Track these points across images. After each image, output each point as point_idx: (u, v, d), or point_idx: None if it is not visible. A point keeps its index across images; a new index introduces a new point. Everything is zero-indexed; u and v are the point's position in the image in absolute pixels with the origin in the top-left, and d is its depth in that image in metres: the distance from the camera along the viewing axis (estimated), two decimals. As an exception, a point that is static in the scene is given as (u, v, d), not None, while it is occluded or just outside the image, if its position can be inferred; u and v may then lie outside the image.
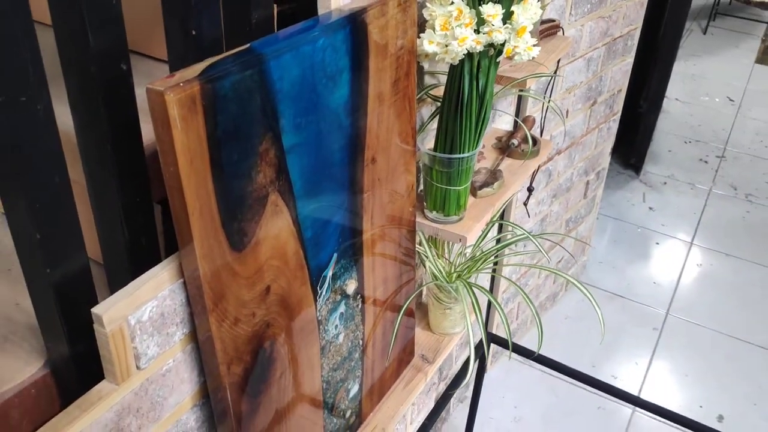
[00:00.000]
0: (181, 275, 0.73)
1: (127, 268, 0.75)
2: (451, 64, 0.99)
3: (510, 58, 0.97)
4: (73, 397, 0.70)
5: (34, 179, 0.61)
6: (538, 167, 1.69)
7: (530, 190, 1.64)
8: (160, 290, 0.71)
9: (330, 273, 0.91)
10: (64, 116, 0.66)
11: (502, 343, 1.52)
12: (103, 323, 0.67)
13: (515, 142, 1.32)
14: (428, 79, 1.12)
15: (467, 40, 0.92)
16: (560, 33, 1.38)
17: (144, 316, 0.70)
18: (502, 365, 2.16)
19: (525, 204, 1.67)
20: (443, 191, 1.09)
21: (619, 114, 2.16)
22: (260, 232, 0.76)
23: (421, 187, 1.14)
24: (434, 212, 1.12)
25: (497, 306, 1.14)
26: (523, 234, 1.16)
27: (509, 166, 1.30)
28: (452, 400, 1.92)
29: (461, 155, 1.05)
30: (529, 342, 2.22)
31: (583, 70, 1.78)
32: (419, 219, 1.13)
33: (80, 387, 0.72)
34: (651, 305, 2.45)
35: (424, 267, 1.22)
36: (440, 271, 1.20)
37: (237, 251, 0.73)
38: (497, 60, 0.98)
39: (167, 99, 0.61)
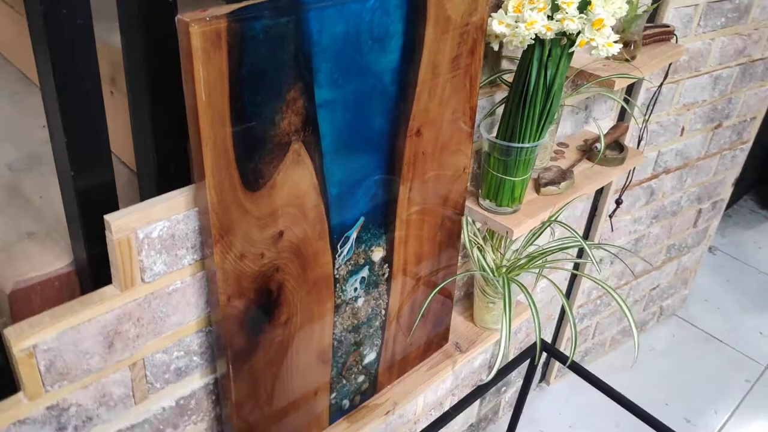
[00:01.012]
0: (196, 204, 0.77)
1: (155, 189, 0.80)
2: (525, 51, 0.96)
3: (588, 51, 0.93)
4: (84, 295, 0.76)
5: (69, 84, 0.66)
6: (629, 180, 1.59)
7: (618, 203, 1.55)
8: (174, 213, 0.76)
9: (354, 235, 0.92)
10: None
11: (557, 354, 1.46)
12: (111, 230, 0.72)
13: (599, 146, 1.26)
14: (505, 64, 1.09)
15: (536, 25, 0.89)
16: (673, 41, 1.28)
17: (154, 233, 0.75)
18: (567, 381, 2.07)
19: (610, 216, 1.59)
20: (498, 180, 1.06)
21: (750, 144, 1.98)
22: (278, 177, 0.78)
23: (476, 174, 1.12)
24: (487, 200, 1.10)
25: (568, 309, 1.10)
26: (577, 240, 1.11)
27: (587, 170, 1.24)
28: (503, 403, 1.88)
29: (520, 145, 1.01)
30: (601, 367, 2.12)
31: (708, 87, 1.65)
32: (472, 205, 1.11)
33: (95, 288, 0.78)
34: (750, 355, 2.25)
35: (472, 255, 1.20)
36: (488, 262, 1.18)
37: (250, 190, 0.76)
38: (570, 51, 0.94)
39: (191, 30, 0.64)
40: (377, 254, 0.98)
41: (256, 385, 0.90)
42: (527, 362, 1.49)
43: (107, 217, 0.72)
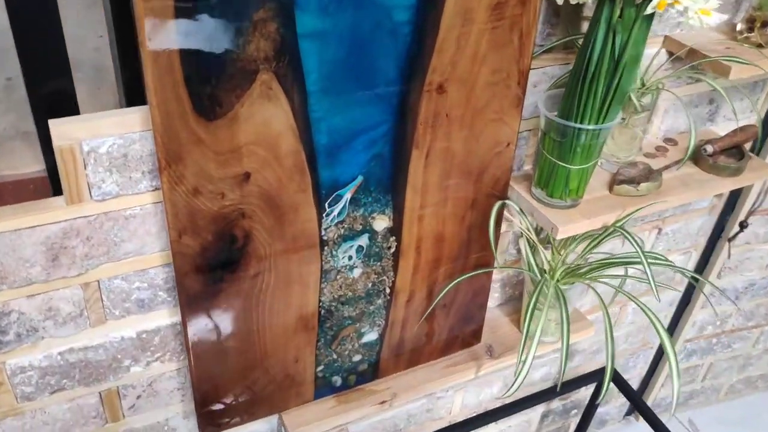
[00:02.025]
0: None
1: (126, 104, 0.75)
2: (595, 10, 0.78)
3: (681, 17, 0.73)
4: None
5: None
6: (760, 201, 1.30)
7: (742, 226, 1.28)
8: (126, 131, 0.70)
9: (348, 195, 0.81)
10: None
11: (625, 389, 1.25)
12: (52, 136, 0.67)
13: (708, 149, 1.02)
14: (586, 27, 0.90)
15: (599, -27, 0.71)
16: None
17: (102, 148, 0.70)
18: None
19: (729, 240, 1.31)
20: (551, 165, 0.89)
21: None
22: (241, 109, 0.69)
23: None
24: (538, 188, 0.93)
25: (666, 341, 0.91)
26: (636, 256, 0.90)
27: (689, 175, 1.02)
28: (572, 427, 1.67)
29: (577, 125, 0.83)
30: (708, 417, 1.81)
31: None
32: (523, 191, 0.95)
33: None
34: None
35: (522, 250, 1.03)
36: (537, 262, 1.01)
37: (205, 118, 0.68)
38: (646, 13, 0.74)
39: None
40: (380, 223, 0.86)
41: (216, 335, 0.84)
42: (593, 387, 1.29)
43: (51, 122, 0.67)
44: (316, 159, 0.76)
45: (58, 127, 0.67)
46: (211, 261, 0.77)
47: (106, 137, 0.69)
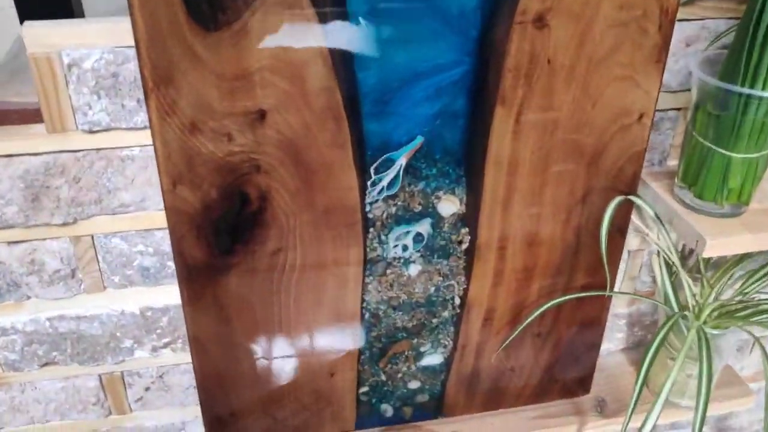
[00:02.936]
0: (149, 36, 0.55)
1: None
2: None
3: None
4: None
5: None
6: None
7: None
8: (117, 43, 0.55)
9: (403, 161, 0.61)
10: None
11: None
12: (25, 40, 0.54)
13: None
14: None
15: None
16: None
17: (86, 62, 0.55)
18: None
19: None
20: (704, 152, 0.62)
21: None
22: (253, 19, 0.51)
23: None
24: (683, 187, 0.66)
25: None
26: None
27: None
28: None
29: (744, 89, 0.57)
30: None
31: None
32: (661, 191, 0.69)
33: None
34: None
35: (656, 274, 0.76)
36: (676, 294, 0.73)
37: (204, 27, 0.51)
38: None
39: None
40: (447, 206, 0.64)
41: (225, 324, 0.66)
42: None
43: (24, 25, 0.54)
44: (358, 103, 0.57)
45: (31, 30, 0.54)
46: (216, 224, 0.60)
47: (92, 48, 0.55)
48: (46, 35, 0.54)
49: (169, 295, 0.70)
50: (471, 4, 0.54)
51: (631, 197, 0.66)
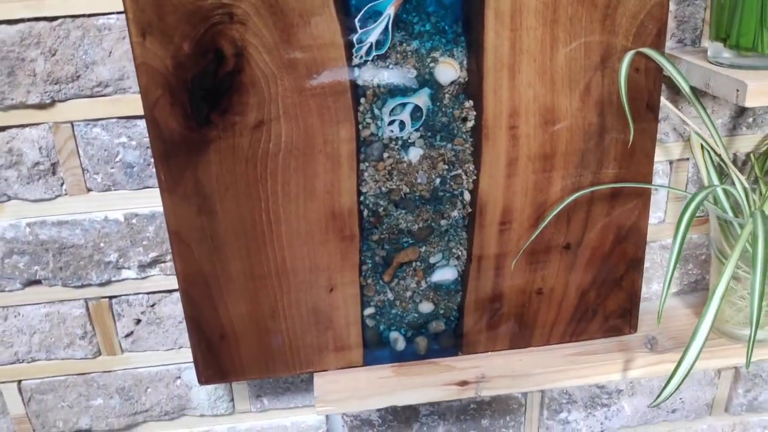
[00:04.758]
0: None
1: None
2: None
3: None
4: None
5: None
6: None
7: None
8: None
9: (390, 12, 0.55)
10: None
11: None
12: None
13: None
14: None
15: None
16: None
17: None
18: None
19: None
20: (736, -6, 0.54)
21: None
22: None
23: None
24: (717, 43, 0.58)
25: None
26: None
27: None
28: None
29: None
30: None
31: None
32: (693, 59, 0.60)
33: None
34: None
35: (698, 161, 0.66)
36: (731, 187, 0.63)
37: None
38: None
39: None
40: (446, 71, 0.58)
41: (207, 219, 0.60)
42: None
43: None
44: (337, -60, 0.53)
45: None
46: (191, 87, 0.56)
47: None
48: None
49: (156, 199, 0.65)
50: None
51: (650, 52, 0.57)
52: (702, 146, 0.66)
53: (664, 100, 0.62)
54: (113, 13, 0.58)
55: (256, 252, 0.62)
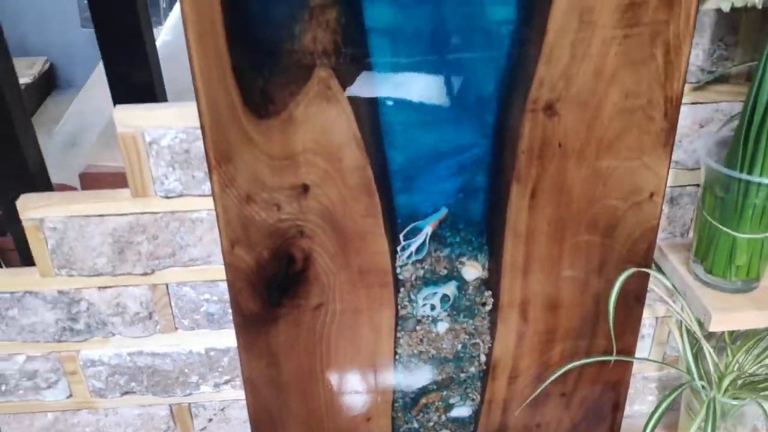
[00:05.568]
0: (216, 121, 0.66)
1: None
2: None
3: None
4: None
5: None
6: None
7: None
8: (188, 125, 0.66)
9: (429, 229, 0.68)
10: None
11: None
12: (115, 121, 0.66)
13: None
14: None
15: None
16: None
17: (164, 140, 0.67)
18: None
19: None
20: (711, 230, 0.67)
21: None
22: (297, 109, 0.61)
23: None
24: (695, 260, 0.70)
25: None
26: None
27: None
28: None
29: (741, 175, 0.61)
30: None
31: None
32: (678, 264, 0.73)
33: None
34: None
35: (678, 342, 0.79)
36: (698, 362, 0.76)
37: (257, 115, 0.62)
38: None
39: None
40: (471, 271, 0.71)
41: (274, 367, 0.75)
42: None
43: (115, 109, 0.67)
44: (388, 179, 0.66)
45: (120, 113, 0.66)
46: (268, 281, 0.70)
47: (168, 129, 0.67)
48: (131, 117, 0.66)
49: (230, 338, 0.80)
50: (487, 94, 0.62)
51: (644, 269, 0.70)
52: (683, 326, 0.78)
53: (656, 290, 0.75)
54: (204, 209, 0.72)
55: (310, 392, 0.77)
